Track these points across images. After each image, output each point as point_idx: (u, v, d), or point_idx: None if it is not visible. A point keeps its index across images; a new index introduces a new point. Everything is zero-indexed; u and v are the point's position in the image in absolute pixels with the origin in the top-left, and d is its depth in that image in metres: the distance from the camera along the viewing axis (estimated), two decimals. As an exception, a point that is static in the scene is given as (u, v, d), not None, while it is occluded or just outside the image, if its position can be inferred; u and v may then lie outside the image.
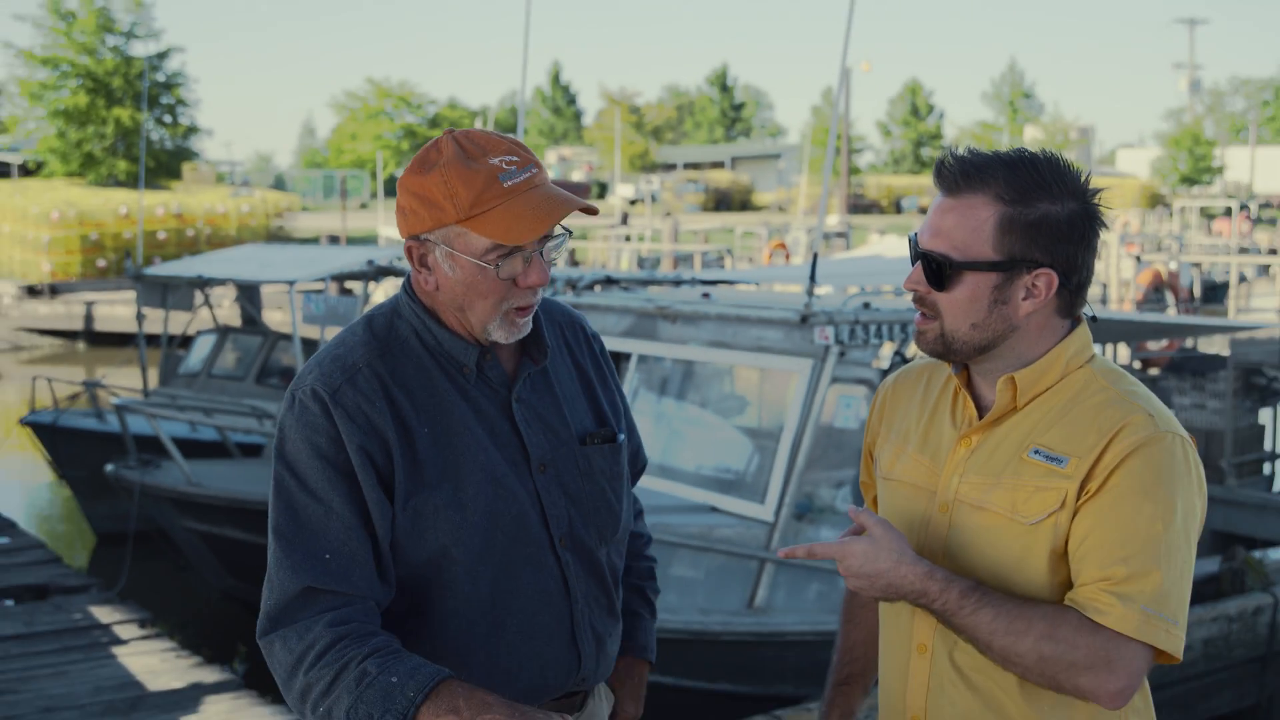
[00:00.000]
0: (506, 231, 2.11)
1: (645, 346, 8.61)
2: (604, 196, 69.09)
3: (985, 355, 2.24)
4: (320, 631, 2.03)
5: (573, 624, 2.28)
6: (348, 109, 74.71)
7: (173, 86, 49.53)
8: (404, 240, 2.22)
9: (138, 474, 10.75)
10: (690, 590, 7.47)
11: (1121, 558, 2.08)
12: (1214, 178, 74.62)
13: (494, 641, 2.20)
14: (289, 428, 2.16)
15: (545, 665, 2.25)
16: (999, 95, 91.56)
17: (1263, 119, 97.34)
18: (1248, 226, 47.26)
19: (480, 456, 2.19)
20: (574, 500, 2.30)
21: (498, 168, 2.14)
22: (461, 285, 2.17)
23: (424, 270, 2.21)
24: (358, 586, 2.08)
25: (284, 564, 2.08)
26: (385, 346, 2.22)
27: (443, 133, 2.22)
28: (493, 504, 2.19)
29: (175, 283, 14.69)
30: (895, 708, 2.37)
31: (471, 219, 2.12)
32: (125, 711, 6.86)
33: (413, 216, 2.17)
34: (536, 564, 2.24)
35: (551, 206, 2.15)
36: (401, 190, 2.20)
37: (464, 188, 2.12)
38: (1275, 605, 8.36)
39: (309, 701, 2.02)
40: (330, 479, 2.11)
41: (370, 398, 2.15)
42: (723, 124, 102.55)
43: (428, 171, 2.15)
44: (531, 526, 2.23)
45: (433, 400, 2.20)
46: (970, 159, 2.19)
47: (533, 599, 2.23)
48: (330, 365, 2.19)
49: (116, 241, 38.25)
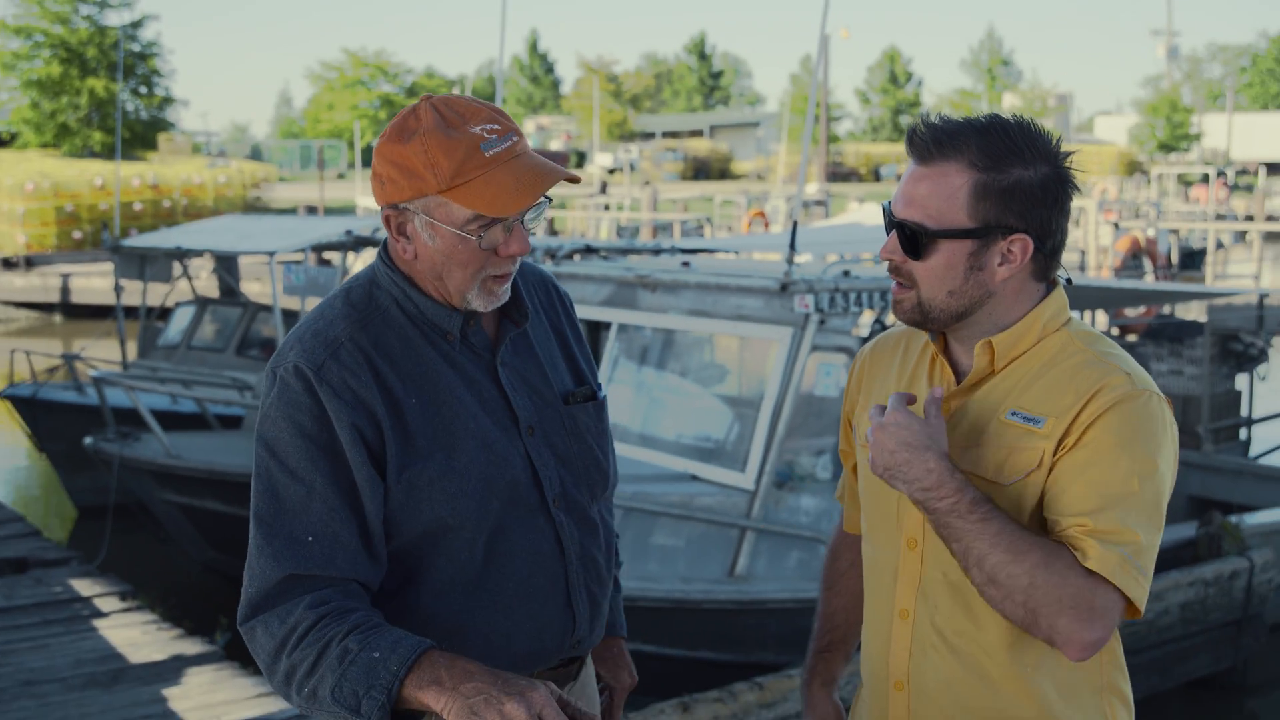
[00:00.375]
0: (490, 203, 2.08)
1: (625, 315, 8.61)
2: (582, 165, 68.92)
3: (962, 322, 2.24)
4: (302, 614, 2.01)
5: (568, 585, 2.27)
6: (324, 79, 74.31)
7: (147, 57, 49.20)
8: (381, 208, 2.19)
9: (117, 447, 10.71)
10: (671, 559, 7.49)
11: (1099, 507, 2.07)
12: (1191, 144, 74.80)
13: (490, 607, 2.18)
14: (270, 405, 2.11)
15: (541, 628, 2.23)
16: (977, 62, 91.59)
17: (1240, 85, 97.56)
18: (1225, 193, 47.45)
19: (470, 423, 2.17)
20: (564, 460, 2.28)
21: (479, 136, 2.10)
22: (441, 255, 2.14)
23: (402, 239, 2.17)
24: (341, 569, 2.06)
25: (265, 551, 2.06)
26: (366, 317, 2.18)
27: (420, 99, 2.18)
28: (486, 470, 2.16)
29: (153, 254, 14.61)
30: (878, 673, 2.38)
31: (453, 189, 2.08)
32: (107, 684, 6.86)
33: (391, 185, 2.13)
34: (530, 527, 2.22)
35: (535, 178, 2.12)
36: (379, 158, 2.15)
37: (445, 158, 2.08)
38: (1251, 569, 8.42)
39: (294, 683, 2.00)
40: (313, 458, 2.07)
41: (355, 371, 2.11)
42: (701, 92, 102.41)
43: (407, 140, 2.11)
44: (525, 490, 2.21)
45: (419, 369, 2.17)
46: (942, 126, 2.18)
47: (527, 562, 2.21)
48: (312, 340, 2.14)
49: (92, 213, 37.99)
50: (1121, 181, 51.53)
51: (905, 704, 2.32)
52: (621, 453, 8.28)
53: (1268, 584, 8.54)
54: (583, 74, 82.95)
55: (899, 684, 2.33)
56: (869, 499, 2.42)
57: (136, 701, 6.63)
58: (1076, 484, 2.10)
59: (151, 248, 14.58)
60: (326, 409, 2.08)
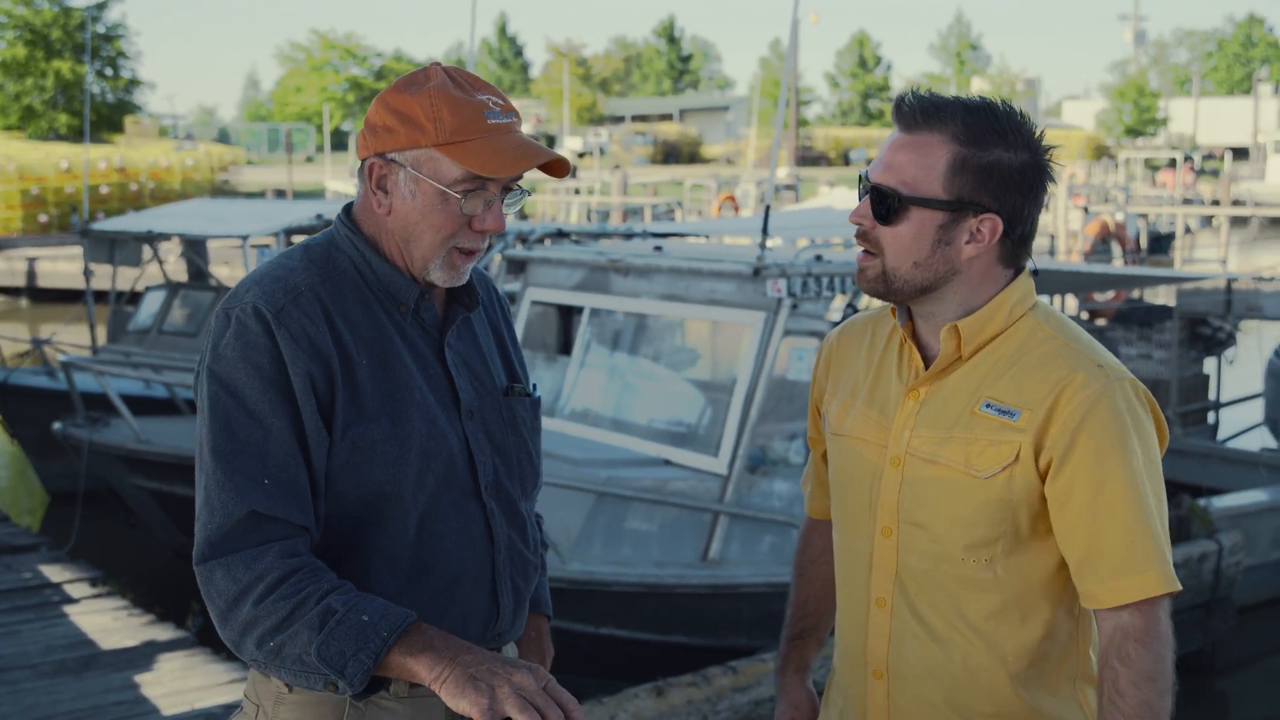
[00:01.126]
0: (485, 163, 2.08)
1: (597, 300, 8.61)
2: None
3: (926, 297, 2.24)
4: (272, 562, 1.95)
5: (494, 574, 2.23)
6: (292, 61, 73.98)
7: (113, 38, 48.86)
8: (364, 160, 2.16)
9: (86, 432, 10.64)
10: (644, 543, 7.50)
11: (1127, 540, 2.13)
12: (1158, 129, 75.18)
13: (418, 586, 2.14)
14: (225, 346, 2.05)
15: (466, 614, 2.19)
16: (946, 47, 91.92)
17: (1206, 71, 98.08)
18: (1192, 178, 47.71)
19: (416, 394, 2.14)
20: (499, 449, 2.25)
21: (484, 104, 2.11)
22: (417, 213, 2.12)
23: (379, 193, 2.14)
24: (296, 516, 2.01)
25: (226, 485, 1.98)
26: (325, 273, 2.15)
27: (429, 64, 2.18)
28: (426, 443, 2.13)
29: (123, 238, 14.51)
30: (855, 661, 2.38)
31: (451, 144, 2.08)
32: (78, 670, 6.83)
33: (385, 134, 2.11)
34: (462, 510, 2.18)
35: (531, 150, 2.13)
36: (379, 106, 2.13)
37: (449, 112, 2.08)
38: (1220, 552, 8.49)
39: (254, 635, 1.94)
40: (271, 401, 2.02)
41: (314, 320, 2.08)
42: (670, 76, 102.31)
43: (414, 91, 2.10)
44: (460, 471, 2.18)
45: (371, 333, 2.14)
46: (931, 98, 2.20)
47: (458, 544, 2.17)
48: (271, 285, 2.09)
49: (58, 196, 37.74)
50: (1089, 166, 51.74)
51: (885, 692, 2.33)
52: (594, 438, 8.36)
53: (1236, 566, 8.62)
54: (552, 57, 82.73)
55: (878, 672, 2.33)
56: (840, 487, 2.42)
57: (108, 688, 6.61)
58: (1088, 532, 2.15)
59: (121, 231, 14.47)
60: (283, 353, 2.03)
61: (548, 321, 9.28)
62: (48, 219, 37.37)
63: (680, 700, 5.97)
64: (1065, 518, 2.16)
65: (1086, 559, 2.15)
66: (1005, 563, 2.21)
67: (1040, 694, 2.25)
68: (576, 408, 8.57)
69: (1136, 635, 2.12)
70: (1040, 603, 2.23)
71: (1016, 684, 2.24)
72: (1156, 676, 2.11)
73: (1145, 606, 2.13)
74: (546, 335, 9.28)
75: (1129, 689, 2.11)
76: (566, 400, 8.64)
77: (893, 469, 2.28)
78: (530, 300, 9.09)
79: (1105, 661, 2.15)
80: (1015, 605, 2.23)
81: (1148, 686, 2.11)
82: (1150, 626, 2.12)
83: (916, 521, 2.26)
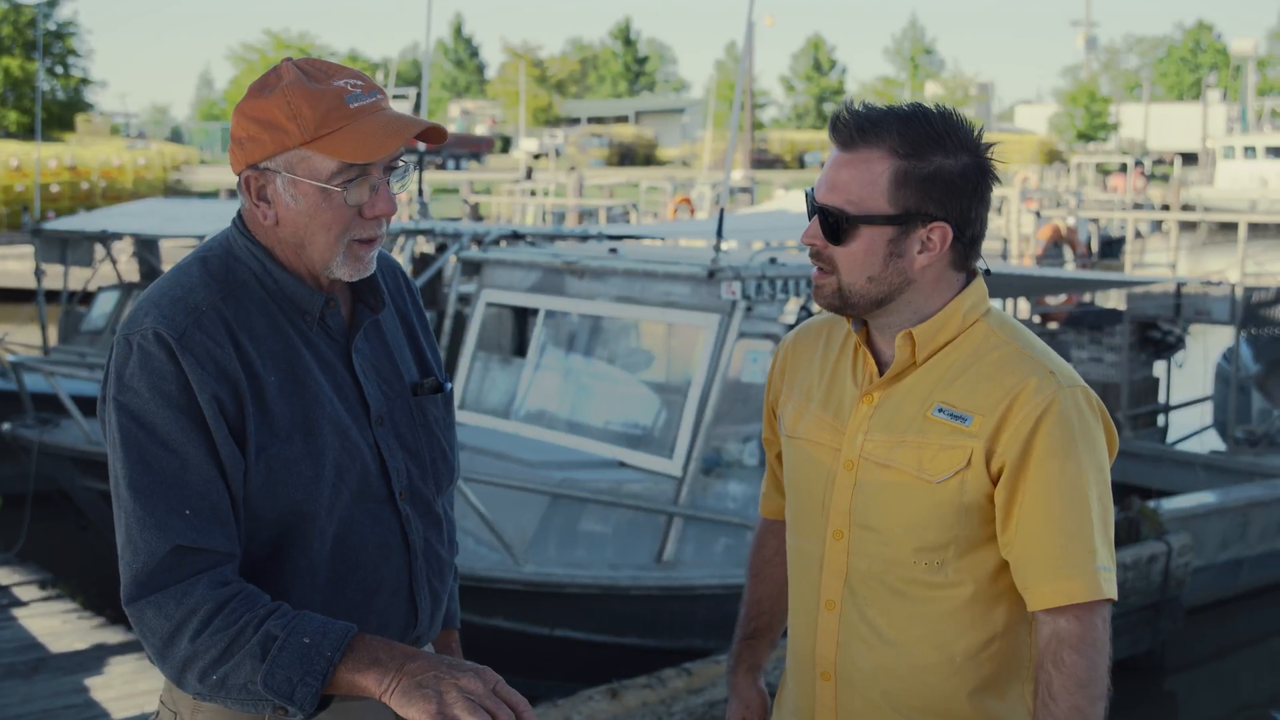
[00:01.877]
0: (355, 149, 2.01)
1: (553, 302, 8.61)
2: (508, 151, 68.69)
3: (882, 309, 2.26)
4: (203, 594, 1.91)
5: (411, 580, 2.20)
6: (246, 61, 73.46)
7: (65, 36, 48.44)
8: (239, 174, 2.08)
9: (36, 433, 10.54)
10: (599, 545, 7.50)
11: (1062, 544, 2.15)
12: (1109, 134, 75.81)
13: (335, 599, 2.10)
14: (130, 375, 1.97)
15: (384, 623, 2.16)
16: (900, 51, 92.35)
17: (1156, 76, 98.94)
18: (1142, 182, 48.11)
19: (327, 406, 2.09)
20: (411, 453, 2.21)
21: (343, 89, 2.04)
22: (304, 216, 2.05)
23: (262, 204, 2.07)
24: (222, 544, 1.96)
25: (147, 522, 1.93)
26: (226, 288, 2.07)
27: (281, 60, 2.11)
28: (340, 457, 2.09)
29: (76, 237, 14.37)
30: (804, 663, 2.39)
31: (318, 140, 2.01)
32: (27, 674, 6.77)
33: (251, 144, 2.04)
34: (377, 519, 2.15)
35: (400, 124, 2.06)
36: (239, 118, 2.05)
37: (308, 107, 2.01)
38: (1169, 553, 8.57)
39: (195, 670, 1.91)
40: (184, 429, 1.95)
41: (219, 341, 2.00)
42: (626, 78, 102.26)
43: (269, 94, 2.03)
44: (374, 481, 2.14)
45: (278, 347, 2.07)
46: (865, 114, 2.20)
47: (374, 555, 2.15)
48: (171, 307, 2.01)
49: (7, 195, 37.33)
50: (1041, 170, 52.07)
51: (832, 694, 2.34)
52: (549, 439, 8.35)
53: (1185, 567, 8.70)
54: (508, 59, 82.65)
55: (825, 674, 2.35)
56: (795, 489, 2.43)
57: (58, 691, 6.55)
58: (1029, 535, 2.17)
59: (75, 231, 14.33)
60: (189, 378, 1.97)
61: (503, 323, 9.27)
62: (-4, 218, 36.99)
63: (635, 702, 5.97)
64: (1010, 520, 2.19)
65: (1022, 560, 2.18)
66: (956, 565, 2.23)
67: (988, 697, 2.27)
68: (531, 409, 8.56)
69: (1071, 641, 2.14)
70: (990, 606, 2.25)
71: (964, 687, 2.26)
72: (1089, 683, 2.14)
73: (1082, 612, 2.15)
74: (501, 337, 9.26)
75: (1061, 694, 2.13)
76: (521, 402, 8.63)
77: (846, 472, 2.30)
78: (485, 302, 9.08)
79: (1040, 665, 2.17)
80: (965, 608, 2.24)
81: (1079, 692, 2.13)
82: (1085, 633, 2.14)
83: (868, 525, 2.27)
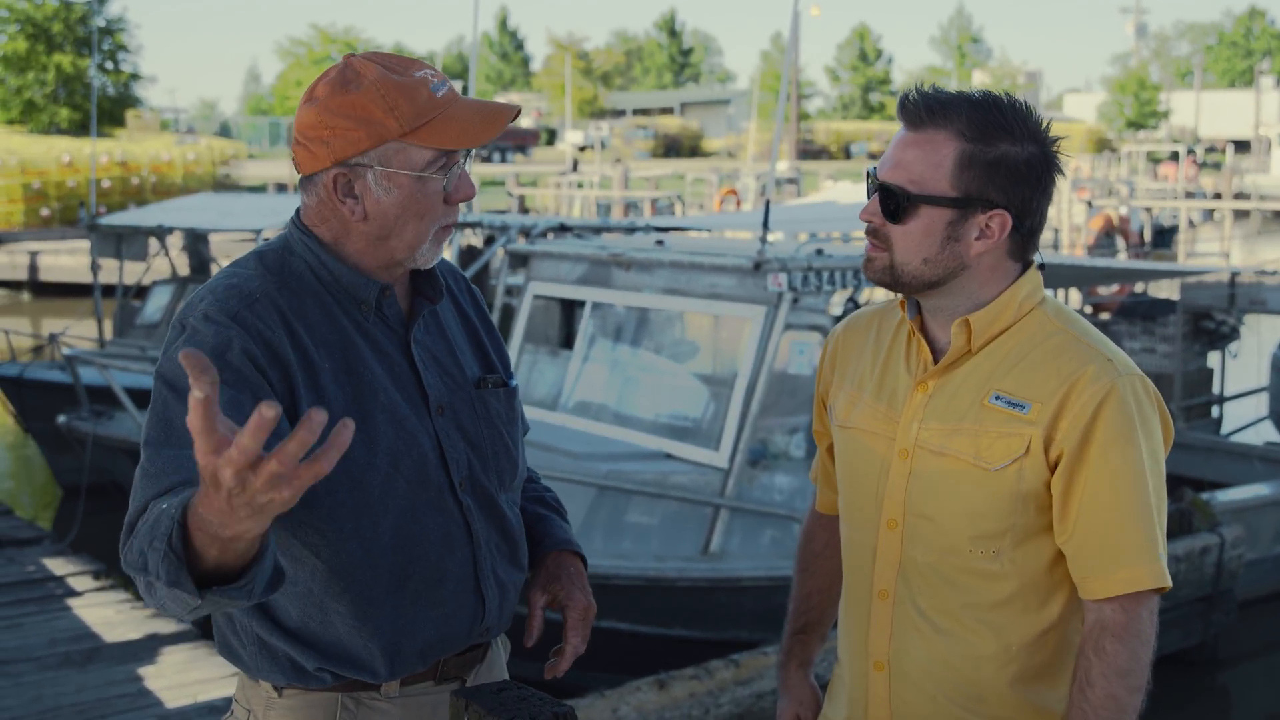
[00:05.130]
0: (458, 136, 2.04)
1: (600, 294, 8.61)
2: (553, 143, 68.79)
3: (934, 292, 2.24)
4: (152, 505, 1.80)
5: (476, 570, 2.18)
6: (293, 55, 73.98)
7: (114, 32, 48.81)
8: (323, 171, 2.08)
9: (90, 425, 10.66)
10: (645, 537, 7.51)
11: (1123, 532, 2.14)
12: (1159, 122, 75.17)
13: (399, 591, 2.09)
14: (174, 349, 1.98)
15: (449, 615, 2.15)
16: (947, 40, 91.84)
17: (1207, 63, 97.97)
18: (1194, 171, 47.70)
19: (382, 396, 2.09)
20: (472, 444, 2.20)
21: (425, 80, 2.07)
22: (397, 207, 2.07)
23: (349, 200, 2.08)
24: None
25: (148, 473, 1.90)
26: (281, 280, 2.09)
27: (343, 59, 2.11)
28: (394, 445, 2.08)
29: (132, 232, 14.50)
30: (857, 654, 2.38)
31: (416, 130, 2.03)
32: (81, 663, 6.84)
33: (342, 139, 2.04)
34: (439, 508, 2.13)
35: (494, 110, 2.10)
36: (324, 114, 2.05)
37: (405, 100, 2.03)
38: (1221, 545, 8.49)
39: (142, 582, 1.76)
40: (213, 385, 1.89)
41: (271, 326, 2.01)
42: (671, 69, 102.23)
43: (357, 89, 2.03)
44: (432, 470, 2.12)
45: (333, 336, 2.08)
46: (935, 95, 2.19)
47: (437, 545, 2.13)
48: (225, 293, 2.04)
49: (60, 190, 37.72)
50: (1092, 159, 51.71)
51: (885, 684, 2.33)
52: (596, 431, 8.36)
53: (1237, 560, 8.62)
54: (553, 51, 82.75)
55: (879, 664, 2.33)
56: (847, 479, 2.42)
57: (111, 680, 6.62)
58: (1086, 523, 2.16)
59: (131, 225, 14.45)
60: (235, 344, 1.96)
61: (550, 315, 9.29)
62: (49, 213, 37.35)
63: (682, 693, 5.98)
64: (1068, 508, 2.17)
65: (1082, 549, 2.17)
66: (1012, 555, 2.22)
67: (1041, 687, 2.26)
68: (578, 401, 8.58)
69: (1114, 630, 2.14)
70: (1045, 595, 2.24)
71: (1018, 676, 2.25)
72: (1128, 673, 2.13)
73: (1129, 603, 2.14)
74: (549, 329, 9.28)
75: (1099, 680, 2.13)
76: (569, 394, 8.64)
77: (900, 461, 2.28)
78: (533, 294, 9.10)
79: (1082, 651, 2.17)
80: (1020, 596, 2.23)
81: (1117, 681, 2.12)
82: (1130, 623, 2.14)
83: (923, 514, 2.26)
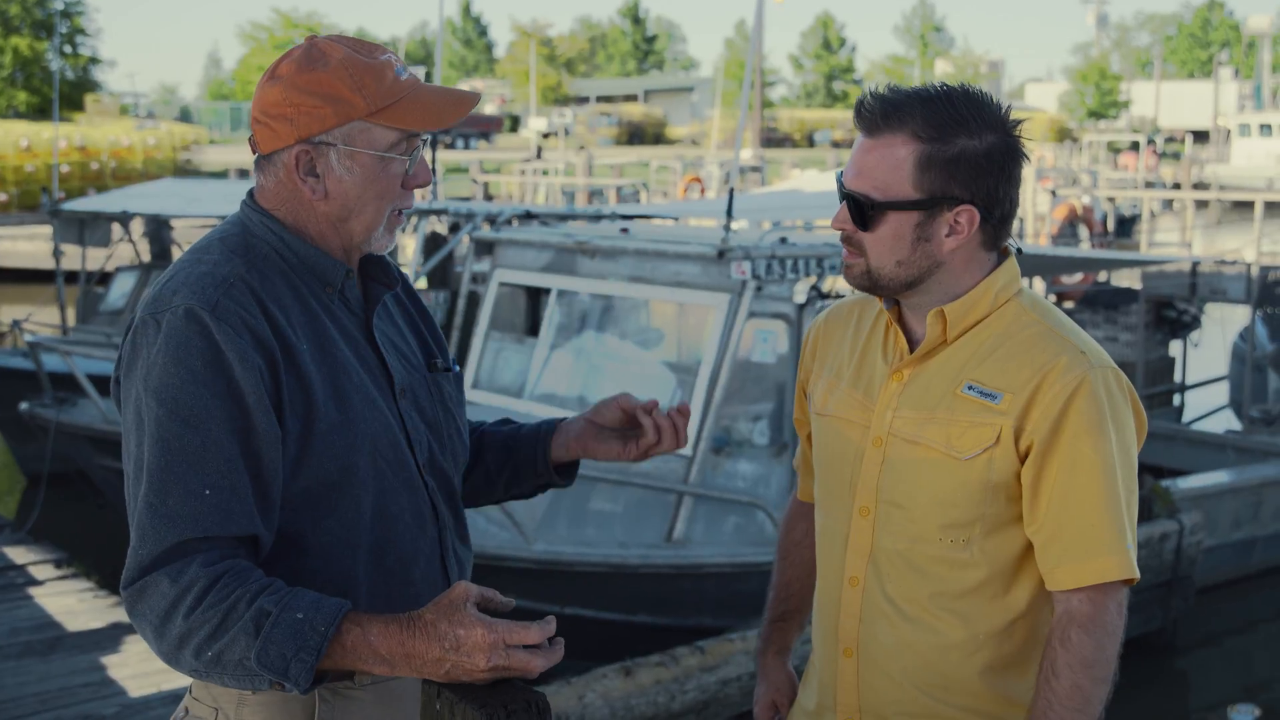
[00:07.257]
0: (423, 118, 2.05)
1: (564, 281, 8.61)
2: (517, 130, 68.64)
3: (913, 290, 2.26)
4: (196, 573, 1.86)
5: (442, 549, 2.22)
6: (254, 39, 73.51)
7: (72, 15, 48.42)
8: (285, 149, 2.07)
9: (53, 412, 10.57)
10: (609, 524, 7.52)
11: (1091, 523, 2.16)
12: (1120, 112, 75.59)
13: (375, 569, 2.11)
14: (157, 354, 1.94)
15: (420, 594, 2.14)
16: (910, 29, 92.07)
17: (1166, 54, 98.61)
18: (1154, 161, 48.00)
19: (355, 376, 2.10)
20: (430, 426, 2.23)
21: (389, 63, 2.08)
22: (357, 187, 2.07)
23: (310, 179, 2.07)
24: (240, 526, 1.92)
25: (159, 511, 1.89)
26: (249, 262, 2.05)
27: (305, 39, 2.11)
28: (372, 427, 2.09)
29: (95, 218, 14.37)
30: (828, 640, 2.41)
31: (382, 110, 2.04)
32: (44, 652, 6.80)
33: (308, 116, 2.03)
34: (410, 489, 2.15)
35: (455, 94, 2.12)
36: (289, 91, 2.04)
37: (372, 79, 2.04)
38: (1181, 532, 8.57)
39: (190, 647, 1.86)
40: (208, 405, 1.91)
41: (250, 311, 1.98)
42: (635, 56, 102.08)
43: (324, 68, 2.03)
44: (403, 452, 2.14)
45: (305, 317, 2.07)
46: (888, 98, 2.19)
47: (410, 525, 2.16)
48: (198, 281, 1.99)
49: (18, 175, 37.33)
50: (1054, 149, 51.95)
51: (854, 670, 2.35)
52: (559, 416, 8.31)
53: (1196, 546, 8.70)
54: (516, 37, 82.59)
55: (848, 650, 2.35)
56: (823, 467, 2.44)
57: (74, 669, 6.58)
58: (1056, 514, 2.18)
59: (95, 211, 14.33)
60: (224, 351, 1.93)
61: (515, 303, 9.28)
62: (7, 198, 36.99)
63: (649, 680, 6.00)
64: (1036, 499, 2.19)
65: (1051, 540, 2.18)
66: (982, 544, 2.24)
67: (1009, 676, 2.28)
68: (544, 389, 8.58)
69: (1081, 621, 2.15)
70: (1014, 584, 2.26)
71: (986, 665, 2.27)
72: (1093, 664, 2.15)
73: (1096, 594, 2.16)
74: (514, 317, 9.27)
75: (1064, 671, 2.15)
76: (534, 382, 8.64)
77: (874, 449, 2.30)
78: (498, 282, 9.09)
79: (1049, 642, 2.19)
80: (989, 585, 2.25)
81: (1083, 672, 2.14)
82: (1097, 615, 2.16)
83: (895, 501, 2.28)
